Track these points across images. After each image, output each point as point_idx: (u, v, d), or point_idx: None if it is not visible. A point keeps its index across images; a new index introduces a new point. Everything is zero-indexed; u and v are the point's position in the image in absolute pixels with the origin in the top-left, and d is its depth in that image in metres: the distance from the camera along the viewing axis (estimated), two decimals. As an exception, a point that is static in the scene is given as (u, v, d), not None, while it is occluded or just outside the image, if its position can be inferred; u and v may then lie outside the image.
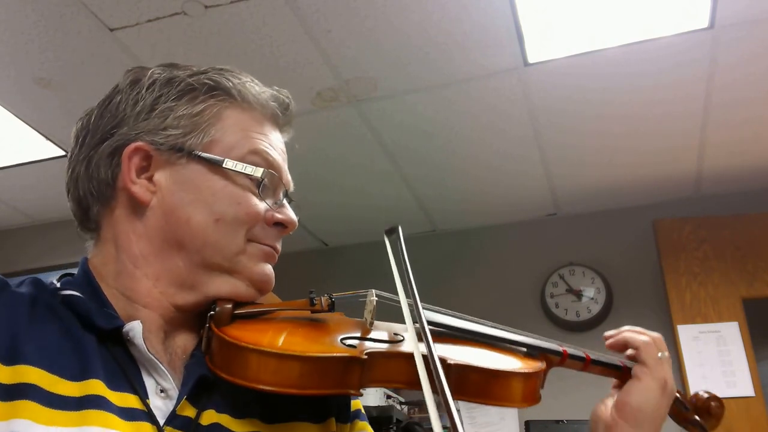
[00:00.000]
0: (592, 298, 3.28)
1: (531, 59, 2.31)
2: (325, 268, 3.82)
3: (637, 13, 2.10)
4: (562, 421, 2.77)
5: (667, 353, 0.83)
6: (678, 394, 0.87)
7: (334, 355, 0.69)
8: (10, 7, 2.02)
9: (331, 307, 0.79)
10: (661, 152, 2.91)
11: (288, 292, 0.85)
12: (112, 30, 2.12)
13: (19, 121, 2.59)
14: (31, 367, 0.63)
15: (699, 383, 2.84)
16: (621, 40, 2.23)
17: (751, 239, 3.00)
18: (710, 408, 0.88)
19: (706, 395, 0.89)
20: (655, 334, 0.85)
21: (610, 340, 0.88)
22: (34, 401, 0.61)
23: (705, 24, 2.14)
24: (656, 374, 0.80)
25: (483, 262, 3.54)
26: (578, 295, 3.30)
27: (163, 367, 0.70)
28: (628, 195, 3.29)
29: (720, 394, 3.00)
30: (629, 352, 0.86)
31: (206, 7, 2.03)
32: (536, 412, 2.79)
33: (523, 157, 2.94)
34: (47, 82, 2.36)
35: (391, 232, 0.79)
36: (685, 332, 2.92)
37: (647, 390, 0.80)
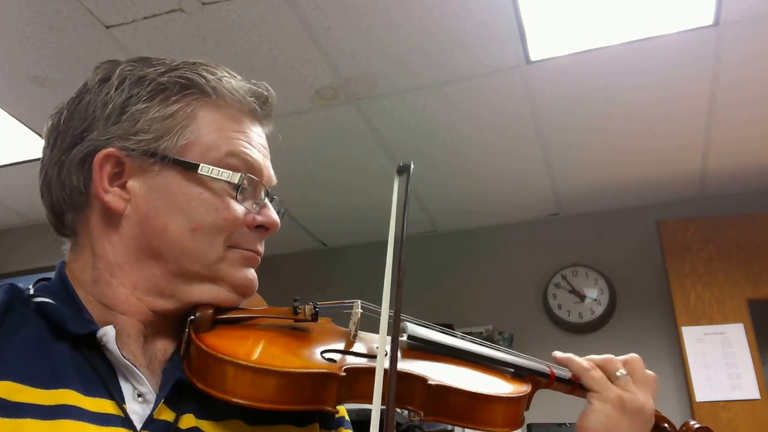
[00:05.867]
0: (596, 300, 3.25)
1: (533, 57, 2.28)
2: (324, 269, 3.79)
3: (641, 11, 2.08)
4: (564, 424, 2.74)
5: (623, 371, 0.81)
6: (666, 424, 0.85)
7: (312, 370, 0.68)
8: (4, 4, 2.00)
9: (315, 317, 0.77)
10: (665, 151, 2.88)
11: (286, 293, 0.83)
12: (107, 27, 2.10)
13: (14, 119, 2.57)
14: (3, 382, 0.62)
15: (704, 386, 2.81)
16: (624, 38, 2.20)
17: (756, 240, 2.98)
18: None
19: (696, 426, 0.86)
20: (605, 357, 0.84)
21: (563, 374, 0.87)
22: (4, 417, 0.60)
23: (710, 21, 2.12)
24: (607, 395, 0.79)
25: (484, 263, 3.51)
26: (581, 296, 3.27)
27: (139, 372, 0.68)
28: (631, 195, 3.26)
29: (725, 397, 2.95)
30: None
31: (203, 4, 2.01)
32: (538, 416, 2.75)
33: (525, 156, 2.91)
34: (42, 80, 2.34)
35: (403, 170, 0.72)
36: (690, 334, 2.90)
37: (599, 412, 0.78)
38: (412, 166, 0.71)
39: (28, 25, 2.08)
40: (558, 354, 0.86)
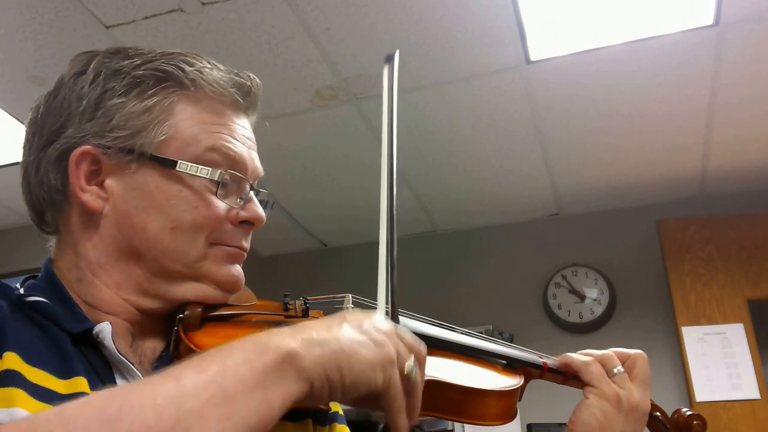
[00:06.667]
0: (596, 300, 3.25)
1: (533, 57, 2.28)
2: (324, 269, 3.79)
3: (641, 10, 2.08)
4: (564, 424, 2.74)
5: (621, 368, 0.81)
6: (658, 412, 0.86)
7: None
8: (4, 4, 1.99)
9: (305, 313, 0.76)
10: (665, 151, 2.88)
11: (285, 293, 0.82)
12: (108, 27, 2.09)
13: (14, 119, 2.57)
14: (15, 355, 0.61)
15: (704, 385, 2.81)
16: (624, 38, 2.20)
17: (756, 240, 2.98)
18: (691, 427, 0.85)
19: (688, 413, 0.87)
20: (605, 352, 0.83)
21: (556, 364, 0.87)
22: (21, 389, 0.59)
23: (710, 21, 2.12)
24: (604, 392, 0.79)
25: (485, 263, 3.51)
26: (581, 296, 3.27)
27: (135, 369, 0.67)
28: (631, 195, 3.26)
29: (725, 397, 2.96)
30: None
31: (203, 4, 2.01)
32: (538, 415, 2.75)
33: (525, 157, 2.91)
34: (42, 80, 2.33)
35: (389, 59, 0.72)
36: (690, 334, 2.90)
37: (594, 407, 0.78)
38: (397, 54, 0.69)
39: (28, 25, 2.08)
40: (555, 359, 0.86)
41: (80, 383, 0.63)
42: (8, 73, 2.30)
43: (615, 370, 0.81)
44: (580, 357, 0.83)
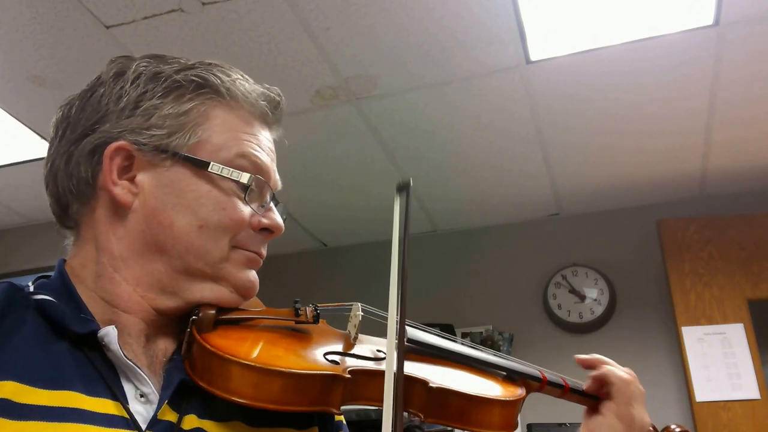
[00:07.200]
0: (596, 300, 3.25)
1: (533, 57, 2.28)
2: (324, 269, 3.79)
3: (641, 10, 2.08)
4: (564, 424, 2.74)
5: (641, 388, 0.83)
6: (651, 428, 0.88)
7: (318, 372, 0.68)
8: (4, 4, 1.99)
9: (316, 319, 0.78)
10: (665, 151, 2.88)
11: (286, 293, 0.83)
12: (108, 27, 2.09)
13: (14, 119, 2.57)
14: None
15: (704, 385, 2.81)
16: (624, 38, 2.20)
17: (756, 239, 2.98)
18: None
19: (677, 429, 0.91)
20: (627, 371, 0.85)
21: (588, 367, 0.88)
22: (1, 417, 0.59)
23: (710, 21, 2.12)
24: (623, 412, 0.80)
25: (485, 263, 3.51)
26: (581, 296, 3.27)
27: (141, 372, 0.68)
28: (631, 195, 3.26)
29: (725, 397, 2.96)
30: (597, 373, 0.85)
31: (203, 4, 2.01)
32: (538, 415, 2.75)
33: (525, 156, 2.91)
34: (42, 80, 2.33)
35: (403, 188, 0.75)
36: (690, 334, 2.90)
37: (609, 426, 0.79)
38: (411, 182, 0.73)
39: (28, 25, 2.07)
40: (583, 357, 0.87)
41: (70, 397, 0.63)
42: (8, 73, 2.30)
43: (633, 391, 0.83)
44: (617, 372, 0.84)
